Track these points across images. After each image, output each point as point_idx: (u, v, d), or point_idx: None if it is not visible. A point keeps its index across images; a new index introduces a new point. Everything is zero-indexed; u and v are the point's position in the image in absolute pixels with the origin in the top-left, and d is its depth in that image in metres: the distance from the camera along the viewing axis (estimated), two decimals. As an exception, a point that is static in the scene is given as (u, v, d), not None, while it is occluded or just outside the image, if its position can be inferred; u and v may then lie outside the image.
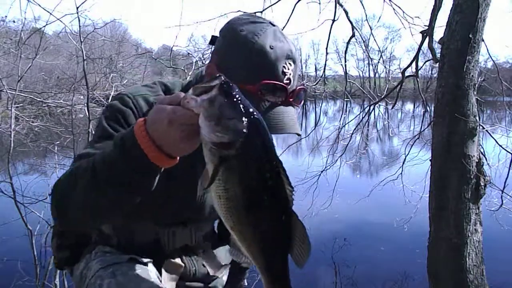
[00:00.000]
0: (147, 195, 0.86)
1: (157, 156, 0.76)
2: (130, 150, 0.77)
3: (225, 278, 1.40)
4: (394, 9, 4.98)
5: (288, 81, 1.01)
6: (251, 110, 0.72)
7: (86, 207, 0.86)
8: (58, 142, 5.16)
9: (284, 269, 0.81)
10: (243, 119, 0.71)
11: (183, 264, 1.22)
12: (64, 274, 3.82)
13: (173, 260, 1.20)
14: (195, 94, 0.72)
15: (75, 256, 1.25)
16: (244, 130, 0.70)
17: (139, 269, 1.08)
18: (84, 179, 0.84)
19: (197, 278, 1.27)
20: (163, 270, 1.18)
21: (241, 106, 0.71)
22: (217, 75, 0.73)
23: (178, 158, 0.80)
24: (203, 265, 1.29)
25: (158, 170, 0.80)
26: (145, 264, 1.12)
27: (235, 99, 0.71)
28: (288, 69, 1.00)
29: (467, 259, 3.27)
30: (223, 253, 1.36)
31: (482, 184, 3.30)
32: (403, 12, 5.03)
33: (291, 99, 1.03)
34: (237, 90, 0.73)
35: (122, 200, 0.85)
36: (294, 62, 1.02)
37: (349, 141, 5.98)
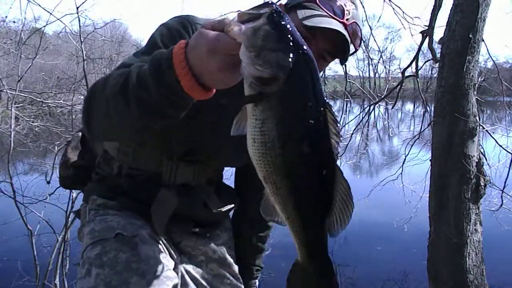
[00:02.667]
0: (171, 124, 0.80)
1: (191, 85, 0.69)
2: (164, 73, 0.70)
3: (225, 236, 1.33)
4: (394, 9, 4.98)
5: (347, 17, 0.97)
6: (300, 43, 0.63)
7: (108, 116, 0.82)
8: (58, 142, 5.15)
9: (322, 234, 0.72)
10: (289, 52, 0.62)
11: (177, 200, 1.14)
12: (64, 274, 3.81)
13: (168, 192, 1.14)
14: (241, 21, 0.64)
15: (77, 176, 1.27)
16: (289, 66, 0.62)
17: (127, 252, 1.02)
18: (115, 87, 0.79)
19: (194, 216, 1.21)
20: (154, 202, 1.12)
21: (289, 38, 0.62)
22: (269, 1, 0.65)
23: (213, 91, 0.72)
24: (203, 205, 1.21)
25: (189, 100, 0.73)
26: (134, 237, 1.06)
27: (283, 30, 0.62)
28: (347, 7, 0.98)
29: (467, 259, 3.26)
30: (227, 196, 1.31)
31: (482, 184, 3.30)
32: (403, 12, 5.03)
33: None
34: (288, 20, 0.64)
35: (143, 121, 0.79)
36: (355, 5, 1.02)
37: (349, 141, 5.97)
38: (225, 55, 0.66)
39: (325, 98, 0.66)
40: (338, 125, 0.66)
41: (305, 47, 0.64)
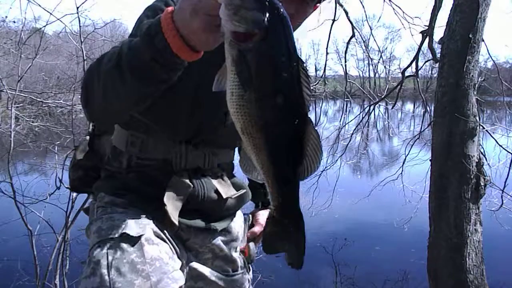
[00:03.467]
0: (164, 88, 0.84)
1: (179, 45, 0.74)
2: (154, 37, 0.75)
3: (237, 225, 1.33)
4: (394, 9, 5.00)
5: None
6: (275, 4, 0.68)
7: (106, 92, 0.87)
8: (58, 142, 5.16)
9: (294, 184, 0.77)
10: (264, 11, 0.66)
11: (191, 184, 1.15)
12: (64, 274, 3.81)
13: (180, 178, 1.14)
14: None
15: (87, 177, 1.26)
16: (264, 23, 0.66)
17: (133, 253, 1.02)
18: (110, 62, 0.84)
19: (206, 203, 1.20)
20: (168, 188, 1.12)
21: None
22: None
23: (201, 53, 0.77)
24: (215, 190, 1.21)
25: (179, 62, 0.78)
26: (140, 236, 1.05)
27: None
28: None
29: (467, 259, 3.27)
30: (238, 182, 1.31)
31: (482, 184, 3.30)
32: (403, 12, 5.04)
33: None
34: None
35: (140, 89, 0.84)
36: None
37: (349, 141, 5.98)
38: (206, 15, 0.70)
39: (298, 55, 0.71)
40: (309, 79, 0.71)
41: (280, 8, 0.68)
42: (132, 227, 1.06)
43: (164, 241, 1.11)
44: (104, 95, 0.89)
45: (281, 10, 0.69)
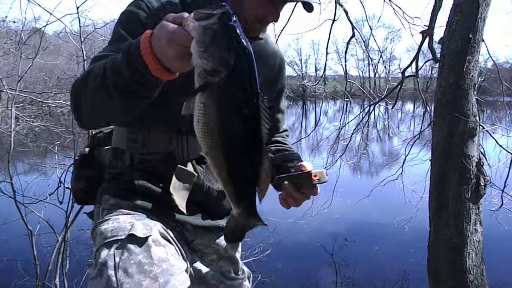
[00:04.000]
0: (148, 103, 0.93)
1: (157, 68, 0.82)
2: (135, 60, 0.83)
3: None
4: (394, 9, 4.99)
5: None
6: (242, 43, 0.75)
7: (95, 106, 0.96)
8: (58, 142, 5.16)
9: (251, 197, 0.88)
10: (232, 51, 0.73)
11: (195, 173, 1.17)
12: (64, 274, 3.82)
13: (185, 168, 1.16)
14: (195, 18, 0.74)
15: (90, 188, 1.28)
16: (230, 62, 0.73)
17: (140, 254, 1.02)
18: (95, 81, 0.92)
19: (210, 194, 1.21)
20: (173, 178, 1.13)
21: (233, 38, 0.74)
22: (223, 3, 0.75)
23: (177, 73, 0.85)
24: None
25: (157, 81, 0.86)
26: (147, 238, 1.05)
27: (229, 31, 0.73)
28: None
29: (467, 259, 3.27)
30: None
31: (482, 184, 3.30)
32: (403, 12, 5.04)
33: None
34: (235, 22, 0.74)
35: (126, 105, 0.93)
36: None
37: (349, 141, 5.97)
38: (180, 46, 0.77)
39: (260, 90, 0.78)
40: (270, 112, 0.79)
41: (247, 47, 0.75)
42: (139, 228, 1.06)
43: (170, 242, 1.11)
44: (93, 110, 0.98)
45: (248, 49, 0.76)
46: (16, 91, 4.91)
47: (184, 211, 1.13)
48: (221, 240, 1.27)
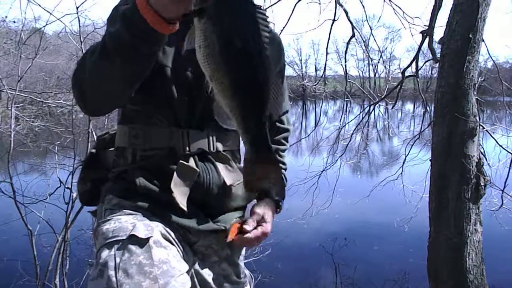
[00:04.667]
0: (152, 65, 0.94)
1: (155, 19, 0.83)
2: (131, 17, 0.85)
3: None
4: (394, 9, 5.00)
5: None
6: None
7: (99, 80, 0.95)
8: (58, 142, 5.15)
9: (262, 124, 0.83)
10: None
11: (197, 169, 1.15)
12: (64, 274, 3.82)
13: (186, 163, 1.14)
14: None
15: (95, 190, 1.28)
16: None
17: (141, 255, 1.01)
18: (94, 54, 0.92)
19: (210, 191, 1.19)
20: (175, 174, 1.12)
21: None
22: None
23: (177, 26, 0.86)
24: (220, 177, 1.20)
25: (158, 35, 0.87)
26: (148, 239, 1.04)
27: None
28: None
29: (467, 259, 3.27)
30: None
31: (482, 184, 3.30)
32: (403, 12, 5.04)
33: None
34: None
35: (131, 68, 0.93)
36: None
37: (349, 141, 5.97)
38: None
39: (254, 4, 0.79)
40: (268, 23, 0.80)
41: None
42: (140, 229, 1.05)
43: (172, 244, 1.10)
44: (98, 84, 0.97)
45: None
46: (16, 91, 4.90)
47: (185, 208, 1.13)
48: (223, 243, 1.25)
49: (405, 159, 5.16)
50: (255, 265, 4.00)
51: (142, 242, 1.03)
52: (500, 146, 4.07)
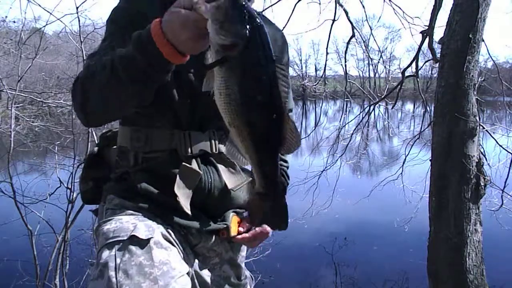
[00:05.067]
0: (162, 86, 0.97)
1: (170, 52, 0.87)
2: (147, 46, 0.87)
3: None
4: (394, 9, 5.00)
5: None
6: (254, 16, 0.80)
7: (106, 99, 0.98)
8: (58, 142, 5.15)
9: (275, 164, 0.90)
10: (245, 24, 0.78)
11: (200, 171, 1.16)
12: (64, 274, 3.82)
13: (189, 165, 1.15)
14: (207, 1, 0.80)
15: (97, 189, 1.28)
16: (246, 34, 0.78)
17: (141, 256, 1.01)
18: (103, 74, 0.94)
19: (211, 194, 1.19)
20: (177, 177, 1.13)
21: (244, 12, 0.79)
22: None
23: (188, 56, 0.90)
24: (221, 180, 1.20)
25: (170, 65, 0.91)
26: (149, 240, 1.04)
27: (239, 5, 0.79)
28: None
29: (467, 259, 3.27)
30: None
31: (482, 184, 3.30)
32: (403, 12, 5.05)
33: None
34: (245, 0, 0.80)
35: (139, 92, 0.96)
36: None
37: (349, 141, 5.98)
38: (195, 28, 0.83)
39: (274, 57, 0.83)
40: (287, 78, 0.84)
41: (258, 19, 0.80)
42: (142, 230, 1.05)
43: (173, 245, 1.10)
44: (103, 103, 1.00)
45: (258, 20, 0.81)
46: (16, 91, 4.90)
47: (189, 211, 1.13)
48: (224, 244, 1.26)
49: (405, 159, 5.16)
50: (255, 265, 4.00)
51: (143, 243, 1.03)
52: (500, 146, 4.07)
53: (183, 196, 1.13)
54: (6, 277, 4.11)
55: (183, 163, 1.14)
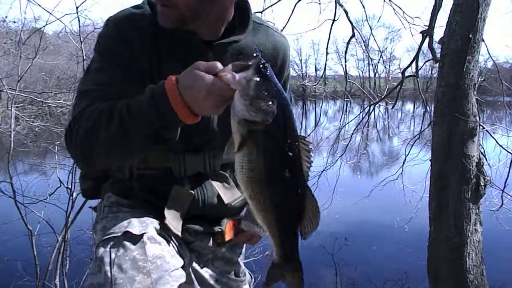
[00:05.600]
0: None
1: (186, 114, 0.87)
2: (162, 107, 0.87)
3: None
4: (394, 9, 5.00)
5: None
6: (280, 92, 0.81)
7: (112, 153, 0.98)
8: (58, 142, 5.14)
9: (295, 240, 0.90)
10: (274, 101, 0.79)
11: (192, 192, 1.17)
12: (64, 274, 3.82)
13: (181, 187, 1.16)
14: (234, 70, 0.80)
15: (97, 187, 1.31)
16: (275, 111, 0.79)
17: (135, 251, 1.04)
18: (110, 129, 0.93)
19: (206, 209, 1.20)
20: (169, 201, 1.15)
21: (273, 88, 0.80)
22: (255, 54, 0.81)
23: (200, 118, 0.90)
24: (217, 196, 1.21)
25: (182, 124, 0.92)
26: (142, 235, 1.07)
27: (268, 81, 0.80)
28: None
29: (467, 259, 3.27)
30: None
31: (482, 184, 3.30)
32: (403, 12, 5.05)
33: None
34: (270, 71, 0.81)
35: (148, 148, 0.98)
36: None
37: (349, 141, 5.98)
38: (219, 97, 0.83)
39: (298, 132, 0.84)
40: (310, 153, 0.84)
41: (283, 95, 0.82)
42: (135, 225, 1.09)
43: (167, 240, 1.13)
44: (110, 155, 0.99)
45: (284, 96, 0.82)
46: (16, 91, 4.91)
47: (179, 234, 1.15)
48: (221, 243, 1.28)
49: (405, 159, 5.16)
50: (255, 265, 4.00)
51: (137, 238, 1.06)
52: (500, 146, 4.07)
53: (173, 219, 1.15)
54: (6, 277, 4.10)
55: (175, 186, 1.16)
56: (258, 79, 0.78)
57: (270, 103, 0.79)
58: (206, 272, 1.26)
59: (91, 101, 1.00)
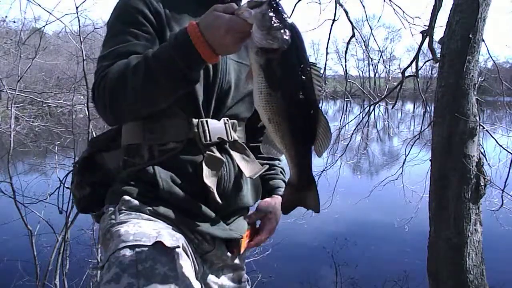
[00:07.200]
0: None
1: (208, 53, 0.93)
2: (186, 48, 0.93)
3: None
4: (394, 9, 5.00)
5: None
6: (292, 23, 0.90)
7: (141, 100, 1.01)
8: (58, 142, 5.15)
9: (309, 157, 0.97)
10: (287, 29, 0.88)
11: (223, 159, 1.15)
12: (64, 274, 3.82)
13: (213, 154, 1.14)
14: (249, 7, 0.88)
15: (95, 195, 1.21)
16: (289, 39, 0.87)
17: (166, 266, 0.96)
18: (136, 77, 0.97)
19: (228, 184, 1.17)
20: (203, 166, 1.11)
21: (286, 19, 0.88)
22: None
23: (219, 57, 0.97)
24: (238, 169, 1.19)
25: (205, 64, 0.99)
26: (174, 249, 0.99)
27: (281, 13, 0.88)
28: None
29: (467, 259, 3.26)
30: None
31: (482, 184, 3.30)
32: (403, 12, 5.05)
33: None
34: (281, 5, 0.89)
35: (176, 91, 1.01)
36: None
37: (349, 141, 5.97)
38: (239, 33, 0.89)
39: (309, 60, 0.92)
40: (320, 78, 0.93)
41: (295, 26, 0.90)
42: (166, 237, 1.00)
43: (189, 257, 1.06)
44: (139, 102, 1.02)
45: (295, 26, 0.91)
46: (16, 91, 4.91)
47: (220, 201, 1.12)
48: (236, 253, 1.25)
49: (405, 159, 5.16)
50: (255, 265, 4.00)
51: (169, 252, 0.98)
52: (500, 146, 4.07)
53: (213, 184, 1.12)
54: (6, 277, 4.10)
55: (208, 152, 1.13)
56: (272, 12, 0.87)
57: (285, 31, 0.87)
58: (215, 284, 1.21)
59: (114, 60, 1.03)
